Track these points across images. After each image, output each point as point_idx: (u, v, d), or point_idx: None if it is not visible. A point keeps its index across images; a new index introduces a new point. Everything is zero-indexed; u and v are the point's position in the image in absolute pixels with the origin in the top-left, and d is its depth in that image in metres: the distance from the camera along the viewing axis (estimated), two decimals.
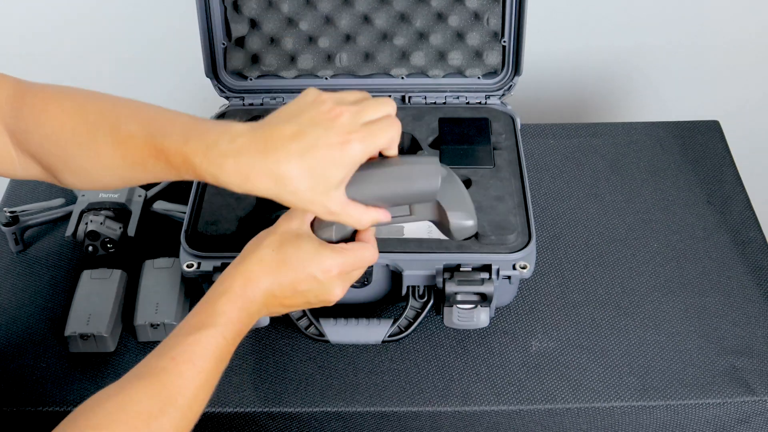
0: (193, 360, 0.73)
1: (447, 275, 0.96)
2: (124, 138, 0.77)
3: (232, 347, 0.78)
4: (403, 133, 1.12)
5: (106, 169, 0.80)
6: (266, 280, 0.79)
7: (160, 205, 1.17)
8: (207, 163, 0.74)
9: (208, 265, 0.97)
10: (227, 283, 0.79)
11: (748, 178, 1.25)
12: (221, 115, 1.15)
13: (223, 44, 1.14)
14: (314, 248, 0.81)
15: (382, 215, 0.83)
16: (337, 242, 0.85)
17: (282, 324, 1.04)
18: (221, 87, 1.16)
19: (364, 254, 0.84)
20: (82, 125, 0.79)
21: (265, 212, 1.06)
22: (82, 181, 0.83)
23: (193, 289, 1.06)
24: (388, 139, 0.79)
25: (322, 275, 0.81)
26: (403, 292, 0.99)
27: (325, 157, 0.74)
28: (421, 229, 1.04)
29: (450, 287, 0.95)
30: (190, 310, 1.05)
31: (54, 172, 0.82)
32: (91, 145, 0.79)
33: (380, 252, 0.96)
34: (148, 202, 1.17)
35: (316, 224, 0.85)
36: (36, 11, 1.53)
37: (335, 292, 0.83)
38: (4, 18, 1.54)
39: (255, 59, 1.16)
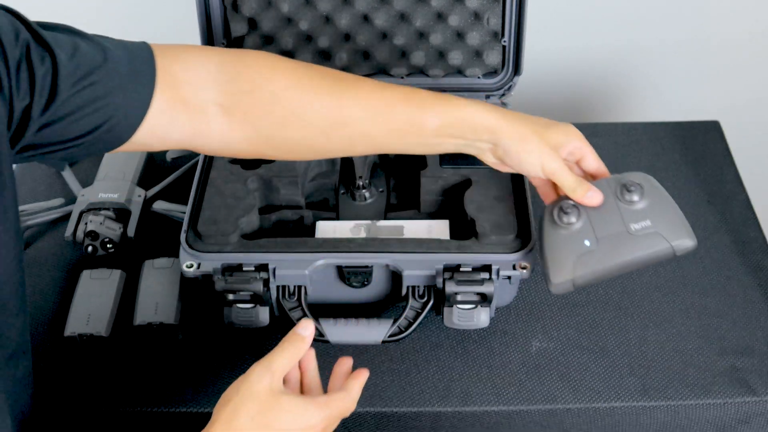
0: None
1: (447, 275, 0.96)
2: (370, 91, 0.82)
3: None
4: None
5: (343, 122, 0.81)
6: None
7: (159, 205, 1.16)
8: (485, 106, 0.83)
9: (207, 266, 0.96)
10: None
11: (748, 178, 1.25)
12: None
13: (223, 43, 1.14)
14: (296, 407, 0.75)
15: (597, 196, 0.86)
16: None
17: (282, 324, 1.04)
18: None
19: (346, 405, 0.78)
20: (320, 78, 0.81)
21: (264, 213, 1.07)
22: (304, 138, 0.83)
23: (193, 289, 1.06)
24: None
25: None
26: (403, 292, 0.99)
27: (552, 123, 0.86)
28: (421, 229, 1.04)
29: (450, 287, 0.95)
30: (189, 311, 1.06)
31: (270, 130, 0.81)
32: (333, 96, 0.81)
33: (380, 252, 0.97)
34: (147, 202, 1.17)
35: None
36: (36, 12, 1.53)
37: None
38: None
39: None
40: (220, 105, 0.80)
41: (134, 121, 0.77)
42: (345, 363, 0.83)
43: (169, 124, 0.79)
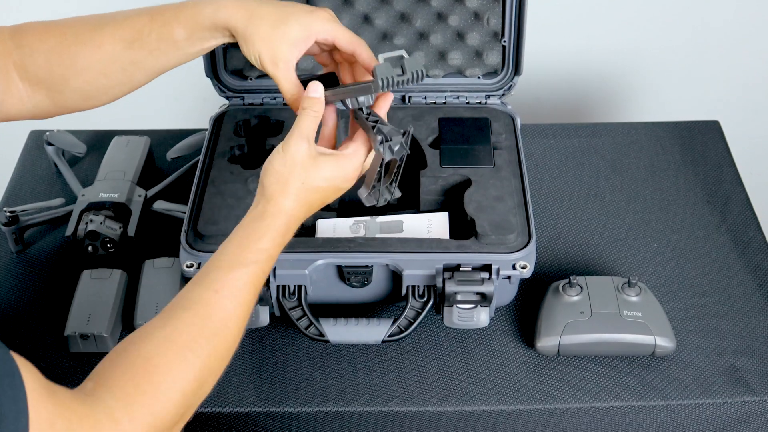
0: (234, 294, 0.78)
1: (447, 275, 0.96)
2: (123, 20, 0.89)
3: (269, 272, 0.84)
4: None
5: (109, 58, 0.88)
6: (303, 211, 0.84)
7: (160, 205, 1.16)
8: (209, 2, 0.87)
9: None
10: (267, 221, 0.82)
11: (748, 178, 1.25)
12: (221, 115, 1.15)
13: (223, 44, 1.14)
14: (333, 163, 0.85)
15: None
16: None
17: (282, 324, 1.04)
18: (221, 87, 1.16)
19: (360, 156, 0.87)
20: (83, 26, 0.89)
21: None
22: (88, 84, 0.89)
23: None
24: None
25: (343, 184, 0.86)
26: (403, 292, 0.99)
27: (294, 13, 0.87)
28: (421, 222, 1.04)
29: (450, 287, 0.95)
30: None
31: (59, 86, 0.89)
32: (94, 39, 0.88)
33: (380, 252, 0.97)
34: (148, 202, 1.17)
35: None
36: (36, 12, 1.53)
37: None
38: (4, 19, 1.54)
39: None
40: (18, 73, 0.88)
41: None
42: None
43: None
